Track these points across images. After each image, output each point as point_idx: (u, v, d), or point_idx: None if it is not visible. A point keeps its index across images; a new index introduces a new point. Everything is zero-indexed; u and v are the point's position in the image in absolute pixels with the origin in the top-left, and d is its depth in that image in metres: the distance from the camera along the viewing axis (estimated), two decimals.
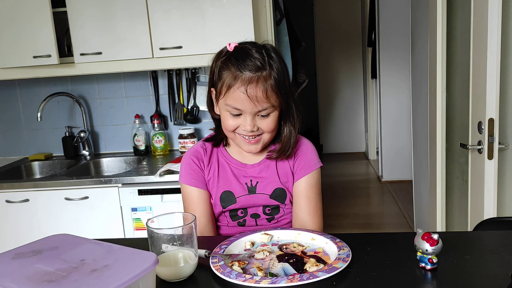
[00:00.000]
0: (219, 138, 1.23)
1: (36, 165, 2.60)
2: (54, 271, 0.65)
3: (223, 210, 1.19)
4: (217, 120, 1.20)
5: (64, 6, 2.21)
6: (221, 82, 1.09)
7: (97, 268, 0.65)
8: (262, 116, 1.09)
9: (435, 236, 0.81)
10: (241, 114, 1.08)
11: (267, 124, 1.10)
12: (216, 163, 1.21)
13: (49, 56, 2.22)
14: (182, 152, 2.49)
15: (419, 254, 0.84)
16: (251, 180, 1.18)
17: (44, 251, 0.72)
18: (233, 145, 1.21)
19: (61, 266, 0.67)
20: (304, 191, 1.18)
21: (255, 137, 1.11)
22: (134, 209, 2.12)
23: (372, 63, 4.97)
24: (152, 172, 2.14)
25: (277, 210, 1.20)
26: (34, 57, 2.22)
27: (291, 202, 1.21)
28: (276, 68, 1.08)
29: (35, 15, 2.20)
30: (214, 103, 1.16)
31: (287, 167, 1.20)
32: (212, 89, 1.16)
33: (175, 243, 0.86)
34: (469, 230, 1.81)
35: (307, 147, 1.22)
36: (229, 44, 1.12)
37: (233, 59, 1.08)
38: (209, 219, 1.20)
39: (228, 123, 1.11)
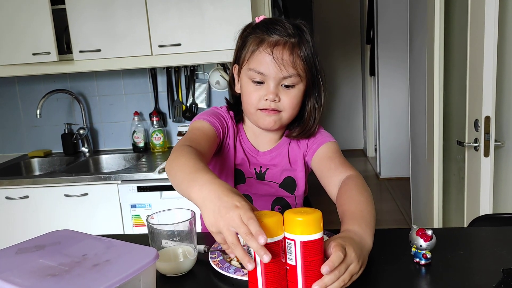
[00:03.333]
0: (239, 112, 1.14)
1: (35, 162, 2.61)
2: (57, 266, 0.66)
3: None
4: (235, 98, 1.13)
5: (63, 3, 2.22)
6: (245, 49, 1.03)
7: (99, 262, 0.67)
8: (286, 86, 1.01)
9: (429, 232, 0.83)
10: (263, 83, 1.01)
11: (290, 98, 1.02)
12: (233, 140, 1.13)
13: (48, 53, 2.23)
14: None
15: (413, 249, 0.86)
16: (260, 167, 1.13)
17: (46, 246, 0.74)
18: (249, 126, 1.14)
19: (64, 260, 0.68)
20: (325, 154, 1.09)
21: (275, 110, 1.02)
22: (133, 206, 2.14)
23: (371, 61, 4.99)
24: (151, 169, 2.16)
25: (287, 208, 1.13)
26: (34, 54, 2.23)
27: (301, 195, 1.16)
28: (307, 40, 1.03)
29: (35, 13, 2.21)
30: (236, 80, 1.10)
31: (298, 153, 1.14)
32: (235, 65, 1.10)
33: (174, 239, 0.87)
34: (465, 226, 1.83)
35: (320, 131, 1.17)
36: (258, 17, 1.07)
37: (261, 26, 1.03)
38: (210, 151, 1.05)
39: (251, 95, 1.02)
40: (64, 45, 2.44)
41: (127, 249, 0.72)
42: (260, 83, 1.01)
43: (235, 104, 1.14)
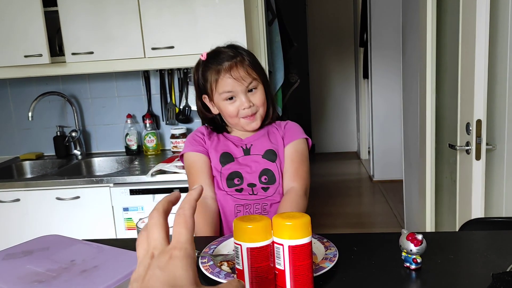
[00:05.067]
0: (219, 128, 1.37)
1: (27, 164, 2.59)
2: (44, 272, 0.66)
3: (221, 169, 1.30)
4: (209, 119, 1.37)
5: (56, 5, 2.21)
6: (208, 82, 1.28)
7: (86, 268, 0.66)
8: (251, 91, 1.27)
9: (419, 237, 0.83)
10: (234, 97, 1.26)
11: (258, 98, 1.28)
12: (216, 137, 1.36)
13: (40, 55, 2.21)
14: (174, 152, 2.49)
15: (403, 254, 0.86)
16: (246, 145, 1.34)
17: (34, 251, 0.73)
18: (233, 130, 1.37)
19: (52, 266, 0.67)
20: (290, 155, 1.33)
21: (253, 114, 1.29)
22: (125, 209, 2.13)
23: (364, 63, 5.00)
24: (144, 172, 2.15)
25: (273, 179, 1.29)
26: (25, 56, 2.22)
27: (283, 165, 1.33)
28: (245, 52, 1.29)
29: (26, 14, 2.19)
30: (210, 106, 1.33)
31: (278, 135, 1.36)
32: (204, 95, 1.33)
33: None
34: (457, 229, 1.84)
35: (294, 124, 1.42)
36: (202, 55, 1.31)
37: (210, 61, 1.28)
38: (212, 181, 1.32)
39: (229, 110, 1.27)
40: (56, 47, 2.43)
41: (115, 254, 0.72)
42: (232, 98, 1.27)
43: (211, 123, 1.37)
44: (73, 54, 2.23)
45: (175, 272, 0.49)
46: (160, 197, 2.09)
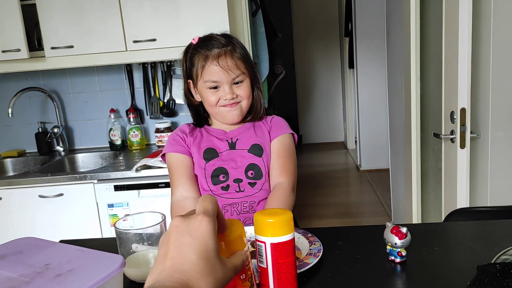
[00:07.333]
0: (201, 120, 1.34)
1: (8, 162, 2.54)
2: (17, 277, 0.63)
3: (205, 166, 1.26)
4: (194, 107, 1.33)
5: None
6: (195, 67, 1.24)
7: (61, 272, 0.64)
8: (237, 84, 1.23)
9: (404, 230, 0.82)
10: (218, 87, 1.22)
11: (243, 90, 1.24)
12: (199, 133, 1.32)
13: (19, 50, 2.16)
14: (159, 147, 2.46)
15: (388, 247, 0.85)
16: (231, 138, 1.30)
17: (7, 256, 0.71)
18: (215, 121, 1.33)
19: (25, 271, 0.65)
20: (276, 150, 1.30)
21: (235, 103, 1.24)
22: (110, 205, 2.10)
23: (349, 53, 4.99)
24: (128, 167, 2.11)
25: (259, 174, 1.26)
26: (3, 51, 2.16)
27: (269, 160, 1.30)
28: (237, 44, 1.25)
29: (3, 9, 2.13)
30: (193, 92, 1.29)
31: (264, 129, 1.33)
32: (189, 80, 1.28)
33: (145, 243, 0.85)
34: (442, 218, 1.85)
35: (280, 118, 1.38)
36: (194, 39, 1.27)
37: (201, 45, 1.24)
38: (194, 182, 1.27)
39: (210, 99, 1.23)
40: (35, 42, 2.37)
41: (92, 257, 0.69)
42: (216, 87, 1.23)
43: (195, 113, 1.34)
44: (52, 48, 2.18)
45: (207, 241, 0.51)
46: (145, 192, 2.06)
